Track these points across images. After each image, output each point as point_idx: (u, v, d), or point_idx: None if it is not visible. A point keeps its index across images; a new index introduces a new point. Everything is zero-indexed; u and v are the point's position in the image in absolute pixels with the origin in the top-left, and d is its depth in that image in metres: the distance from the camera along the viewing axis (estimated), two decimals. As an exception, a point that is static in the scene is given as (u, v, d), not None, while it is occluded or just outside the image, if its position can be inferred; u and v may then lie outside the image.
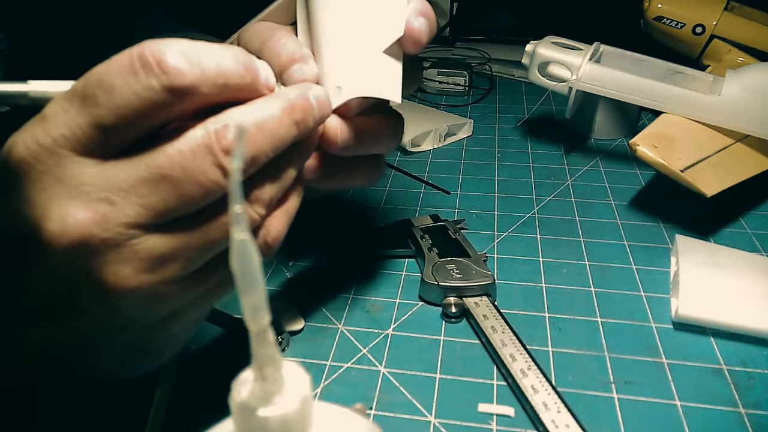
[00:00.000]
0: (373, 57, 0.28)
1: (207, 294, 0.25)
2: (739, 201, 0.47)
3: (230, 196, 0.13)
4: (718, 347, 0.34)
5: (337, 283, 0.40)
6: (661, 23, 0.62)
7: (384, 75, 0.28)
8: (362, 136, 0.29)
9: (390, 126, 0.30)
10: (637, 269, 0.40)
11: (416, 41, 0.28)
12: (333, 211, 0.49)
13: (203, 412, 0.31)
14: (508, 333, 0.33)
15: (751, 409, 0.30)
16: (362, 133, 0.29)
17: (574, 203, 0.49)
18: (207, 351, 0.35)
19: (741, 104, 0.46)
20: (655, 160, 0.43)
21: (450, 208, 0.48)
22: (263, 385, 0.15)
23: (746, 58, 0.58)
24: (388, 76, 0.28)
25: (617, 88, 0.51)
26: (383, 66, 0.28)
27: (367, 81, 0.28)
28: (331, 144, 0.28)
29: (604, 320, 0.36)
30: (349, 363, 0.34)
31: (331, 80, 0.29)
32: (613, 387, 0.31)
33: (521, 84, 0.75)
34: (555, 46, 0.55)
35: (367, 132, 0.29)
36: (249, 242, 0.13)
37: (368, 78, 0.28)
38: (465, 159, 0.57)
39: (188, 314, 0.25)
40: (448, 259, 0.39)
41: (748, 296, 0.35)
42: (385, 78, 0.28)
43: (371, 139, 0.30)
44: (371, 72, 0.28)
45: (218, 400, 0.31)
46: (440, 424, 0.30)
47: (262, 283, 0.14)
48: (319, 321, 0.37)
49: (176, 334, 0.26)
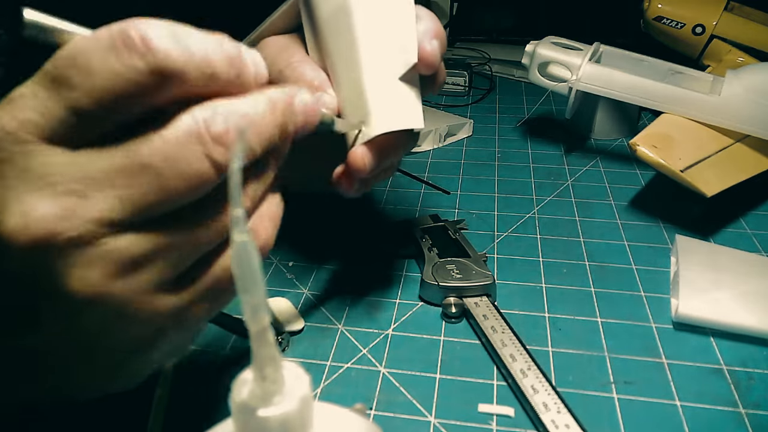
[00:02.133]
0: (390, 87, 0.28)
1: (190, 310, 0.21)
2: (739, 201, 0.47)
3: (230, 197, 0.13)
4: (718, 347, 0.34)
5: (337, 283, 0.40)
6: (661, 23, 0.62)
7: (404, 104, 0.28)
8: (386, 153, 0.29)
9: (408, 135, 0.30)
10: (637, 269, 0.40)
11: (431, 65, 0.28)
12: (333, 212, 0.49)
13: (203, 412, 0.31)
14: (508, 333, 0.33)
15: (751, 409, 0.30)
16: (385, 150, 0.29)
17: (574, 203, 0.49)
18: (207, 351, 0.35)
19: (741, 104, 0.46)
20: (655, 160, 0.43)
21: (450, 208, 0.49)
22: (263, 385, 0.15)
23: (746, 58, 0.58)
24: (407, 104, 0.28)
25: (617, 88, 0.51)
26: (401, 95, 0.28)
27: (388, 115, 0.28)
28: (360, 171, 0.28)
29: (604, 320, 0.36)
30: (349, 363, 0.34)
31: (351, 112, 0.29)
32: (613, 387, 0.31)
33: (521, 84, 0.75)
34: (555, 46, 0.55)
35: (389, 148, 0.29)
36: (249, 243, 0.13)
37: (389, 111, 0.28)
38: (465, 159, 0.57)
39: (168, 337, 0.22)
40: (448, 259, 0.39)
41: (748, 296, 0.35)
42: (405, 107, 0.28)
43: (393, 153, 0.30)
44: (391, 104, 0.28)
45: (218, 401, 0.31)
46: (440, 424, 0.30)
47: (262, 283, 0.14)
48: (319, 321, 0.37)
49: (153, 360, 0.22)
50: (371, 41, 0.28)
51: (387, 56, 0.28)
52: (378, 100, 0.28)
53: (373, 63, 0.28)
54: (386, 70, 0.28)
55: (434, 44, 0.28)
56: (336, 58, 0.30)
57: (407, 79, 0.28)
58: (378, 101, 0.28)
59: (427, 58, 0.27)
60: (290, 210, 0.52)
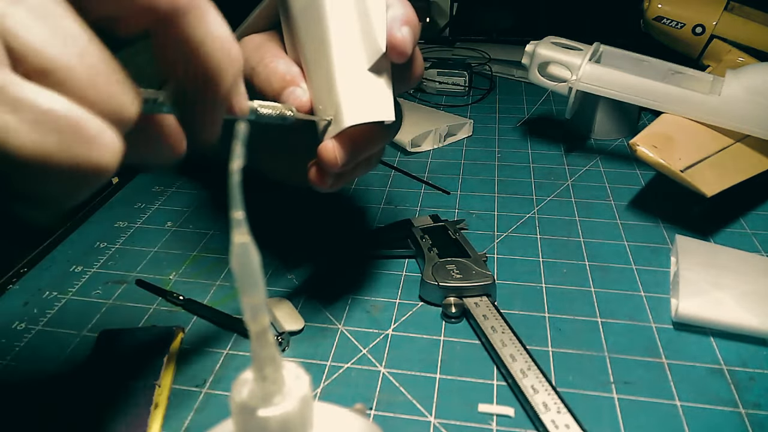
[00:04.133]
0: (359, 78, 0.27)
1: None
2: (739, 201, 0.47)
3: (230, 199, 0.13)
4: (718, 347, 0.34)
5: (337, 283, 0.40)
6: (661, 23, 0.62)
7: (373, 96, 0.28)
8: (358, 147, 0.28)
9: (382, 127, 0.29)
10: (637, 269, 0.40)
11: (401, 52, 0.27)
12: (333, 212, 0.49)
13: (203, 412, 0.31)
14: (508, 333, 0.34)
15: (751, 409, 0.30)
16: (358, 144, 0.28)
17: (574, 203, 0.49)
18: (205, 351, 0.35)
19: (741, 104, 0.46)
20: (655, 160, 0.43)
21: (450, 208, 0.49)
22: (263, 386, 0.15)
23: (746, 58, 0.58)
24: (377, 96, 0.28)
25: (617, 88, 0.51)
26: (371, 86, 0.28)
27: (356, 107, 0.27)
28: (331, 165, 0.28)
29: (604, 320, 0.36)
30: (349, 363, 0.34)
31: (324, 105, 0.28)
32: (613, 387, 0.31)
33: (521, 84, 0.75)
34: (555, 46, 0.55)
35: (362, 142, 0.28)
36: (249, 245, 0.13)
37: (357, 103, 0.27)
38: (465, 159, 0.57)
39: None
40: (448, 259, 0.39)
41: (748, 296, 0.35)
42: (374, 99, 0.28)
43: (367, 146, 0.29)
44: (360, 96, 0.27)
45: (217, 401, 0.31)
46: (440, 424, 0.30)
47: (262, 284, 0.14)
48: (319, 321, 0.37)
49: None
50: (341, 32, 0.28)
51: (356, 47, 0.27)
52: (347, 92, 0.27)
53: (342, 54, 0.27)
54: (355, 61, 0.27)
55: (404, 31, 0.27)
56: (308, 51, 0.29)
57: (377, 70, 0.28)
58: (347, 93, 0.27)
59: (398, 46, 0.26)
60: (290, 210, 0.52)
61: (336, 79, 0.27)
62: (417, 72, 0.30)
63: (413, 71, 0.30)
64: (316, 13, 0.28)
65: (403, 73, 0.29)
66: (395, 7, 0.28)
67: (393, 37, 0.27)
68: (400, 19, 0.27)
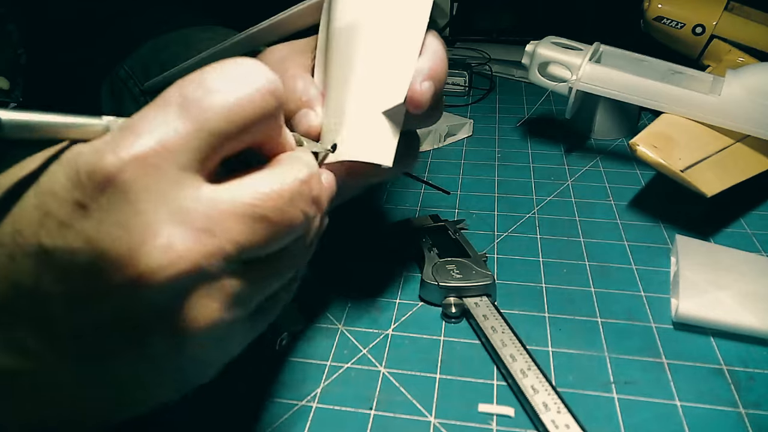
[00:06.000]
0: (371, 117, 0.28)
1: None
2: (739, 201, 0.47)
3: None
4: (718, 347, 0.34)
5: (337, 283, 0.40)
6: (661, 23, 0.62)
7: (378, 138, 0.28)
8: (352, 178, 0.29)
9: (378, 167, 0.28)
10: (637, 269, 0.40)
11: (418, 106, 0.27)
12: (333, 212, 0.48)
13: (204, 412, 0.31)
14: (508, 333, 0.34)
15: (751, 409, 0.30)
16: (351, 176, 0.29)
17: (574, 203, 0.49)
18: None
19: (741, 104, 0.46)
20: (655, 160, 0.43)
21: (450, 208, 0.49)
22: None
23: (746, 58, 0.58)
24: (382, 140, 0.28)
25: (617, 88, 0.51)
26: (379, 129, 0.28)
27: (359, 144, 0.27)
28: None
29: (604, 320, 0.36)
30: (349, 363, 0.34)
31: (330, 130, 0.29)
32: (613, 387, 0.31)
33: (521, 84, 0.75)
34: (555, 46, 0.55)
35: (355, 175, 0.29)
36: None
37: (361, 141, 0.27)
38: (465, 159, 0.57)
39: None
40: (448, 260, 0.39)
41: (748, 296, 0.35)
42: (378, 142, 0.28)
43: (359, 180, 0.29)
44: (365, 134, 0.28)
45: (220, 400, 0.31)
46: (440, 424, 0.30)
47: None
48: (319, 321, 0.37)
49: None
50: (369, 68, 0.28)
51: (378, 86, 0.28)
52: (355, 126, 0.28)
53: (362, 89, 0.28)
54: (373, 100, 0.28)
55: (425, 86, 0.27)
56: (334, 68, 0.29)
57: (391, 115, 0.28)
58: (354, 128, 0.28)
59: (416, 100, 0.27)
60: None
61: (348, 111, 0.28)
62: (435, 118, 0.31)
63: (431, 117, 0.31)
64: (354, 39, 0.28)
65: (419, 118, 0.29)
66: (425, 58, 0.28)
67: (413, 90, 0.27)
68: (424, 73, 0.27)
